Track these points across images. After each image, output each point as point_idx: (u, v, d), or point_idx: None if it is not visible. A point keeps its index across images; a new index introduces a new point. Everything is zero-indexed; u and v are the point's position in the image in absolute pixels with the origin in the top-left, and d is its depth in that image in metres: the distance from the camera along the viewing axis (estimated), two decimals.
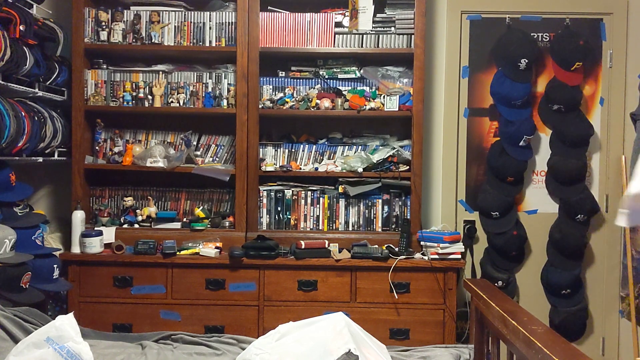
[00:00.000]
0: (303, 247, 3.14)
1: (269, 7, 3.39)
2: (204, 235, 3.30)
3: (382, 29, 3.37)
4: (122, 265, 3.13)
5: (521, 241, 3.56)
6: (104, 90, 3.42)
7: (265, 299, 3.13)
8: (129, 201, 3.42)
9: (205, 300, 3.13)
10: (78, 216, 3.20)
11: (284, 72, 3.46)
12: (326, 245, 3.19)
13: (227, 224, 3.37)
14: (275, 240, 3.24)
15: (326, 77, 3.41)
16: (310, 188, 3.43)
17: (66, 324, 1.79)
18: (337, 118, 3.47)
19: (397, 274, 3.11)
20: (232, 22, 3.35)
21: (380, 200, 3.39)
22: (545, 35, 3.56)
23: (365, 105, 3.33)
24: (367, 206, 3.40)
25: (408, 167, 3.35)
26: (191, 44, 3.36)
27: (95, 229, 3.26)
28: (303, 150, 3.45)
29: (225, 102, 3.38)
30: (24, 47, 2.78)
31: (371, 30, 3.36)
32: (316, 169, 3.39)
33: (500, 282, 3.51)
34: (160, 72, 3.44)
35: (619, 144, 3.54)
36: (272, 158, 3.45)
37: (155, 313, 3.13)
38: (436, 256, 3.12)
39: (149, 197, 3.47)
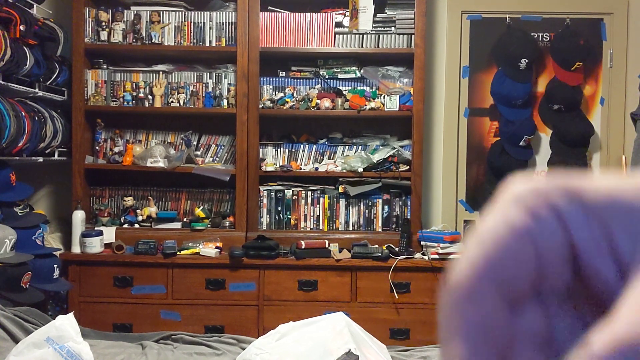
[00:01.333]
0: (303, 247, 3.14)
1: (269, 7, 3.39)
2: (204, 235, 3.30)
3: (382, 29, 3.37)
4: (122, 265, 3.14)
5: None
6: (104, 90, 3.42)
7: (265, 298, 3.13)
8: (129, 201, 3.42)
9: (206, 300, 3.13)
10: (78, 216, 3.20)
11: (284, 72, 3.46)
12: (326, 245, 3.19)
13: (227, 223, 3.37)
14: (276, 240, 3.24)
15: (326, 77, 3.42)
16: (310, 188, 3.43)
17: (66, 324, 1.79)
18: (337, 118, 3.47)
19: (397, 273, 3.11)
20: (232, 22, 3.35)
21: (380, 200, 3.39)
22: (546, 35, 3.56)
23: (366, 105, 3.33)
24: (367, 206, 3.40)
25: (408, 167, 3.35)
26: (191, 44, 3.36)
27: (96, 229, 3.26)
28: (303, 150, 3.45)
29: (225, 102, 3.38)
30: (24, 47, 2.78)
31: (371, 30, 3.36)
32: (316, 168, 3.39)
33: None
34: (161, 72, 3.44)
35: (619, 144, 3.54)
36: (272, 158, 3.45)
37: (155, 313, 3.13)
38: (436, 256, 3.12)
39: (149, 197, 3.47)
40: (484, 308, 0.23)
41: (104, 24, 3.34)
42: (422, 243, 3.24)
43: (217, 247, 3.18)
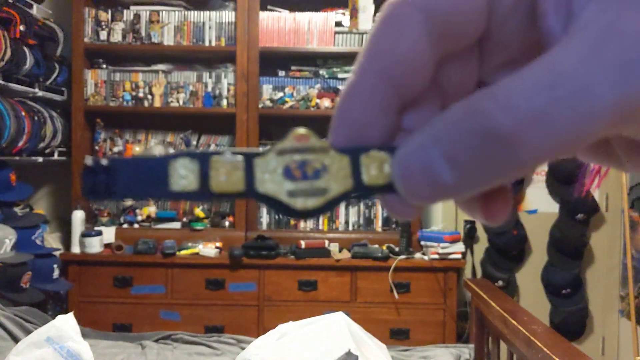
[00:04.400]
0: (303, 246, 3.14)
1: (268, 7, 3.38)
2: (204, 235, 3.30)
3: None
4: (122, 265, 3.13)
5: (521, 241, 3.56)
6: (103, 90, 3.42)
7: (265, 298, 3.13)
8: (129, 201, 3.42)
9: (205, 300, 3.13)
10: (78, 216, 3.20)
11: (283, 72, 3.46)
12: (326, 245, 3.19)
13: (227, 223, 3.37)
14: (275, 240, 3.23)
15: (326, 76, 3.41)
16: None
17: (66, 324, 1.79)
18: None
19: (397, 273, 3.11)
20: (231, 22, 3.34)
21: None
22: None
23: None
24: (367, 206, 3.40)
25: None
26: (191, 44, 3.36)
27: (95, 228, 3.26)
28: None
29: (225, 102, 3.38)
30: (24, 47, 2.78)
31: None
32: None
33: (500, 282, 3.51)
34: (160, 72, 3.43)
35: None
36: None
37: (155, 313, 3.12)
38: (436, 256, 3.12)
39: None
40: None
41: (103, 23, 3.34)
42: (422, 243, 3.24)
43: (216, 247, 3.18)
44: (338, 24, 3.38)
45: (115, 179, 0.22)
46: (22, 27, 2.73)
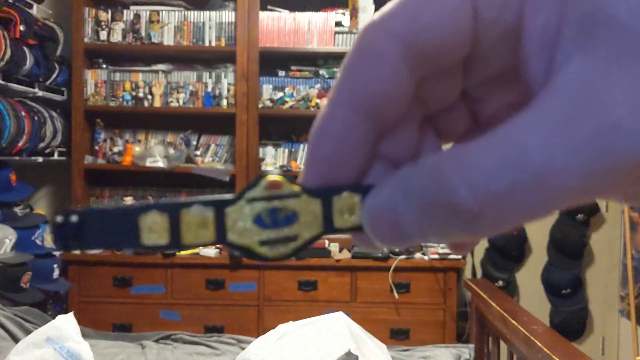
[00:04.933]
0: None
1: (268, 7, 3.38)
2: None
3: None
4: (122, 265, 3.13)
5: (521, 241, 3.56)
6: (103, 90, 3.41)
7: (265, 299, 3.13)
8: (129, 201, 3.42)
9: (205, 300, 3.13)
10: None
11: (283, 72, 3.46)
12: (326, 245, 3.19)
13: None
14: None
15: (326, 76, 3.41)
16: None
17: (66, 324, 1.79)
18: None
19: (397, 273, 3.11)
20: (231, 22, 3.34)
21: None
22: None
23: None
24: None
25: None
26: (191, 44, 3.36)
27: None
28: (303, 150, 3.45)
29: (225, 102, 3.38)
30: (24, 47, 2.78)
31: None
32: None
33: (500, 282, 3.51)
34: (160, 72, 3.43)
35: None
36: (272, 158, 3.45)
37: (155, 313, 3.12)
38: (436, 256, 3.12)
39: (148, 197, 3.47)
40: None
41: (103, 23, 3.34)
42: (422, 243, 3.23)
43: (217, 247, 3.18)
44: (338, 24, 3.38)
45: (86, 232, 0.22)
46: (22, 27, 2.73)
